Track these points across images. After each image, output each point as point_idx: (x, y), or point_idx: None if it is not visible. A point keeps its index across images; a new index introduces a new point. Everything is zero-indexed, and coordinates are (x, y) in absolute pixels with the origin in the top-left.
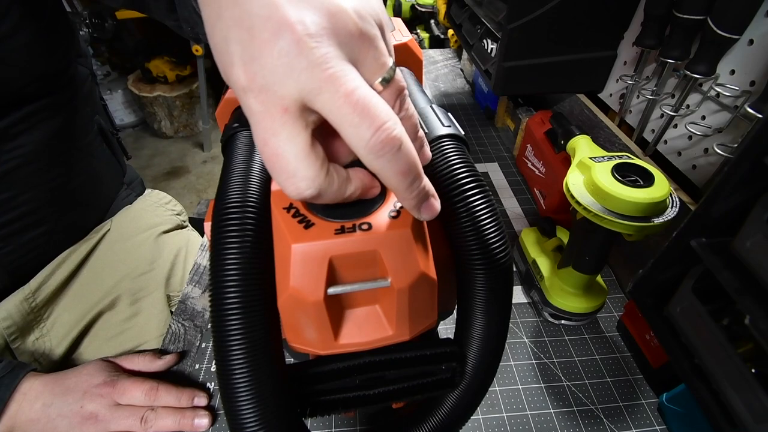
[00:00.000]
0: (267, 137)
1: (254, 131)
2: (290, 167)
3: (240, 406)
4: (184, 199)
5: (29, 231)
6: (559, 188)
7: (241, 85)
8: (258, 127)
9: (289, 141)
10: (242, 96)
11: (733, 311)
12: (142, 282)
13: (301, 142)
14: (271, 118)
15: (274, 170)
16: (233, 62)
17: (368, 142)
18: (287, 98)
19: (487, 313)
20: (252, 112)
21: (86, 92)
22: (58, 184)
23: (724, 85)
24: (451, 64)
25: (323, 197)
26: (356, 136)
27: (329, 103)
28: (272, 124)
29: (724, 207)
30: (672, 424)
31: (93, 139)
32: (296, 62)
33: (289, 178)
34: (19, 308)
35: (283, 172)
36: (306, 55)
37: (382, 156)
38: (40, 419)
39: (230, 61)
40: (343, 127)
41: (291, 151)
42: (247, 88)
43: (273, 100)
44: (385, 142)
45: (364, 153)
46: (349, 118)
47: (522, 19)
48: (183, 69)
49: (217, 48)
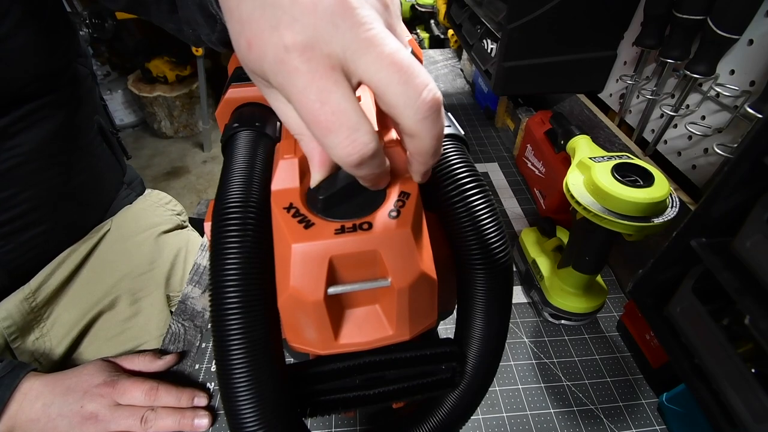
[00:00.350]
0: (324, 96)
1: (303, 96)
2: (353, 122)
3: (240, 406)
4: (184, 199)
5: (29, 230)
6: (559, 188)
7: (284, 44)
8: (308, 90)
9: (346, 97)
10: (284, 57)
11: (733, 311)
12: (142, 282)
13: (355, 98)
14: (321, 77)
15: (335, 130)
16: (272, 26)
17: (416, 102)
18: (333, 57)
19: (487, 313)
20: (298, 74)
21: (86, 92)
22: (57, 183)
23: (723, 85)
24: (451, 64)
25: (375, 160)
26: (404, 95)
27: (374, 64)
28: (325, 83)
29: (724, 207)
30: (672, 424)
31: (93, 138)
32: (340, 21)
33: (354, 133)
34: (19, 308)
35: (345, 129)
36: (349, 15)
37: (428, 117)
38: (40, 419)
39: (266, 26)
40: (389, 88)
41: (351, 106)
42: (290, 47)
43: (319, 58)
44: (432, 102)
45: (411, 113)
46: (395, 77)
47: (522, 19)
48: (183, 69)
49: (249, 16)
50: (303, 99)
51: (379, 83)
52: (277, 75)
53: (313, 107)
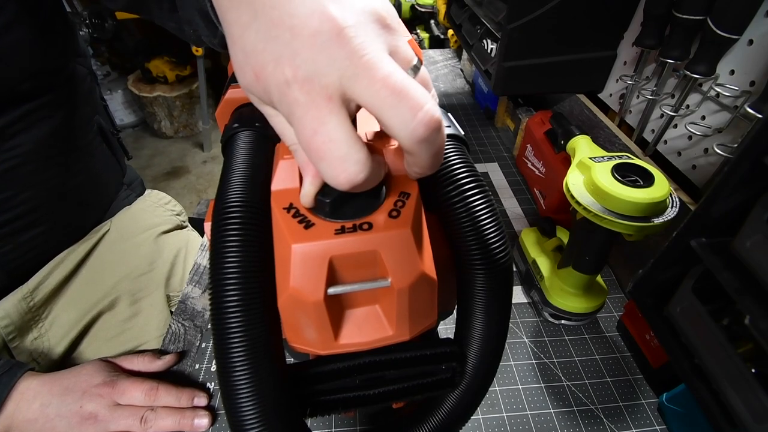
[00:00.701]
0: (316, 126)
1: (300, 124)
2: (342, 152)
3: (240, 403)
4: (184, 199)
5: (28, 230)
6: (559, 188)
7: (285, 78)
8: (305, 119)
9: (338, 127)
10: (286, 90)
11: (733, 311)
12: (142, 282)
13: (348, 127)
14: (317, 107)
15: (326, 158)
16: (275, 59)
17: (410, 125)
18: (330, 87)
19: (487, 313)
20: (297, 104)
21: (85, 92)
22: (57, 183)
23: (723, 85)
24: (451, 64)
25: (369, 181)
26: (397, 118)
27: (368, 89)
28: (319, 113)
29: (724, 207)
30: (672, 424)
31: (92, 138)
32: (336, 52)
33: (342, 164)
34: (17, 307)
35: (335, 159)
36: (344, 44)
37: (424, 138)
38: (38, 419)
39: (270, 60)
40: (383, 111)
41: (342, 137)
42: (291, 81)
43: (317, 89)
44: (428, 123)
45: (406, 135)
46: (388, 101)
47: (522, 19)
48: (183, 69)
49: (254, 49)
50: (299, 127)
51: (374, 107)
52: (281, 104)
53: (307, 135)
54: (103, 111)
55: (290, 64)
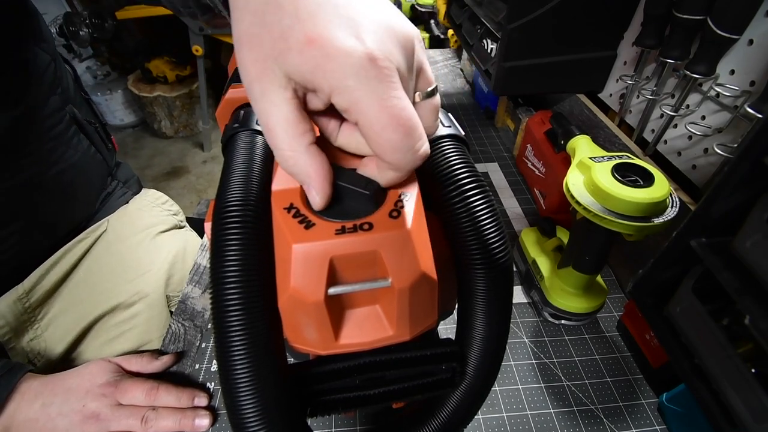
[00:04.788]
0: (406, 102)
1: (385, 99)
2: (420, 125)
3: (241, 401)
4: (184, 199)
5: (6, 225)
6: (559, 188)
7: (367, 50)
8: (395, 93)
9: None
10: (366, 64)
11: (733, 311)
12: (141, 283)
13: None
14: (397, 84)
15: (413, 131)
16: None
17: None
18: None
19: (488, 313)
20: (380, 77)
21: (48, 80)
22: (31, 174)
23: (723, 85)
24: (451, 64)
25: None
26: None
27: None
28: (402, 91)
29: (724, 207)
30: (672, 424)
31: (65, 128)
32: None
33: (423, 135)
34: (12, 308)
35: (417, 129)
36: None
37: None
38: (39, 418)
39: (345, 27)
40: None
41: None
42: (374, 56)
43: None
44: (421, 157)
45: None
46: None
47: (522, 19)
48: (183, 69)
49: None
50: (387, 102)
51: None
52: (348, 78)
53: (398, 107)
54: (84, 103)
55: (367, 41)
